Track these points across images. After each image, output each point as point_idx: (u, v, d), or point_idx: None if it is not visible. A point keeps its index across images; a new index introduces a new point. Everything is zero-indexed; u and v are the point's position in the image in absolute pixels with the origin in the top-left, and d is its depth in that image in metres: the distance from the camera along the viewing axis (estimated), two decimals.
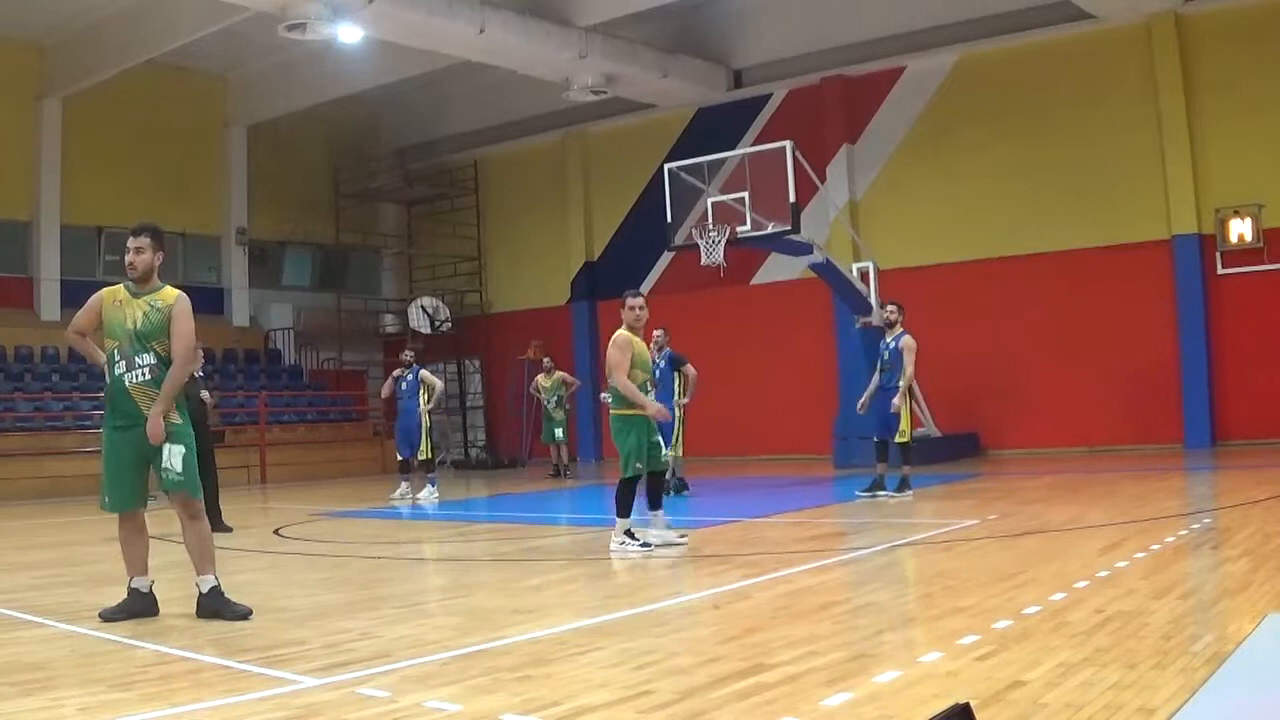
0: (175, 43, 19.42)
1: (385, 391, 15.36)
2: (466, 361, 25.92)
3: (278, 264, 25.75)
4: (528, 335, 24.29)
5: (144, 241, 5.97)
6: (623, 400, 8.12)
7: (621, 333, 8.24)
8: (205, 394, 11.36)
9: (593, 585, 7.09)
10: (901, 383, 11.49)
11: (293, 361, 25.09)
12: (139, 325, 5.89)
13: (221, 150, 24.01)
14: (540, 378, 18.39)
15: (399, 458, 15.28)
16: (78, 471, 18.44)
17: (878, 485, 11.53)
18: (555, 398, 18.07)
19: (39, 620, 5.98)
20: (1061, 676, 3.88)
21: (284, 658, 4.79)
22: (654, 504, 8.32)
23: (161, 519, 12.37)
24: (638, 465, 8.06)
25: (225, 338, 23.96)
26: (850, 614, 5.41)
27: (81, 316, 6.08)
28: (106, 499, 6.05)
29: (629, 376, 8.06)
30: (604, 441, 22.57)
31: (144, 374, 5.88)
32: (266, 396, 21.89)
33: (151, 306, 5.93)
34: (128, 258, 6.00)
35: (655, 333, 13.54)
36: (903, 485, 11.45)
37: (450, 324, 25.04)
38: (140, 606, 5.94)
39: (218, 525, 10.79)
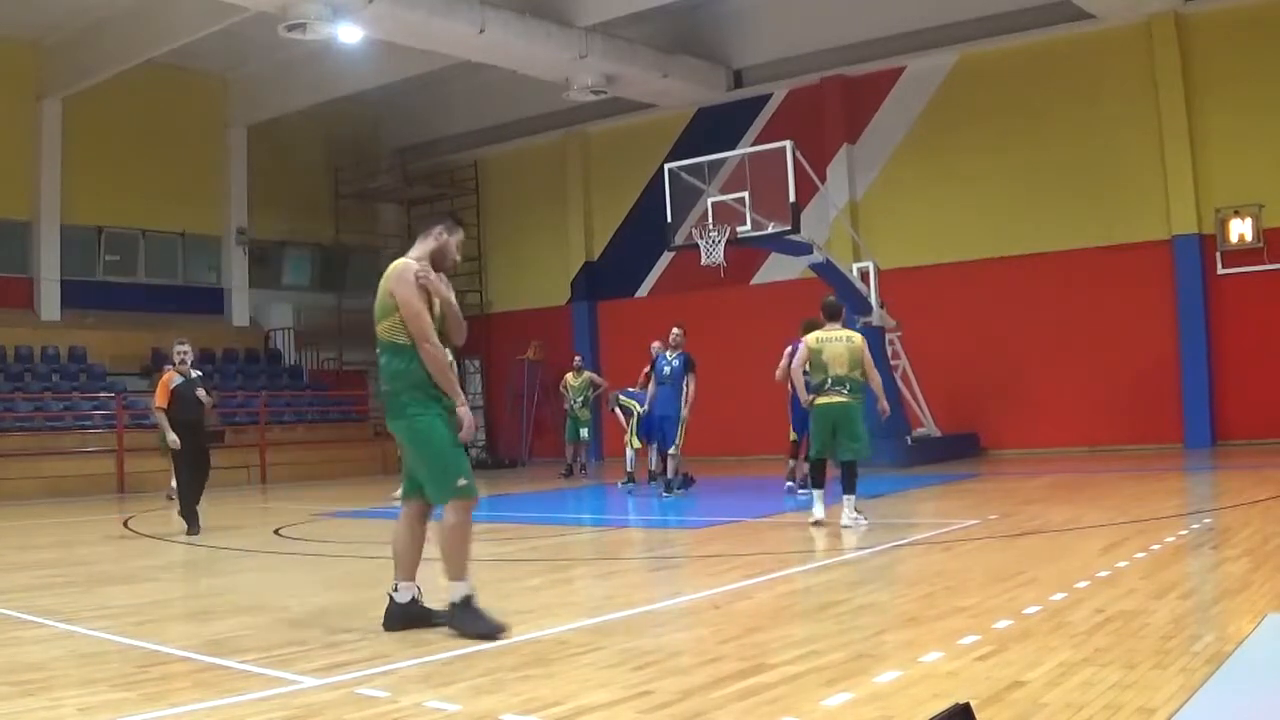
0: (175, 43, 19.41)
1: None
2: (466, 361, 25.90)
3: (278, 264, 25.74)
4: (528, 335, 24.31)
5: None
6: (864, 392, 9.28)
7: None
8: (202, 393, 11.33)
9: (593, 585, 7.09)
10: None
11: (293, 361, 25.08)
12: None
13: (221, 150, 24.01)
14: (569, 376, 18.18)
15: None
16: (78, 471, 18.46)
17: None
18: (582, 397, 17.93)
19: (39, 620, 5.97)
20: (1061, 676, 3.88)
21: (284, 658, 4.79)
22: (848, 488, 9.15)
23: (161, 518, 12.39)
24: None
25: (225, 338, 23.97)
26: (850, 614, 5.41)
27: (424, 294, 5.34)
28: (462, 481, 5.26)
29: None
30: (607, 442, 22.58)
31: None
32: (266, 396, 21.89)
33: None
34: (458, 257, 5.62)
35: (674, 331, 13.53)
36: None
37: None
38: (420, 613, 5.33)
39: (192, 526, 10.82)
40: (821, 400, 9.23)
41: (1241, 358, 17.36)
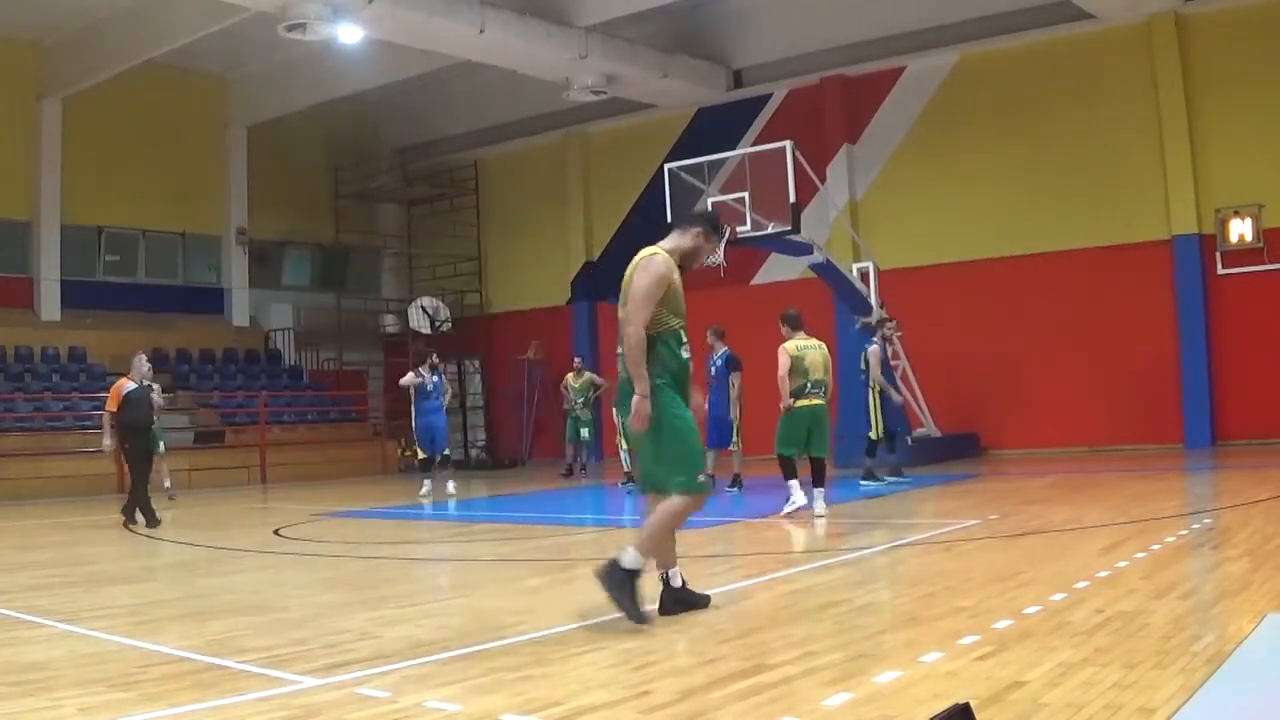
0: (175, 43, 19.41)
1: (405, 380, 15.83)
2: (466, 361, 25.91)
3: (278, 264, 25.75)
4: (528, 335, 24.30)
5: None
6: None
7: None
8: (155, 396, 12.78)
9: (593, 585, 7.08)
10: None
11: (293, 361, 25.09)
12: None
13: (221, 150, 24.01)
14: (570, 377, 18.20)
15: (421, 455, 15.72)
16: (78, 471, 18.46)
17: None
18: (583, 398, 17.96)
19: (39, 620, 5.98)
20: (1061, 676, 3.88)
21: (284, 658, 4.79)
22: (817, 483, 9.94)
23: (160, 518, 12.38)
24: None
25: (225, 338, 23.98)
26: (850, 614, 5.41)
27: (662, 288, 5.36)
28: (702, 476, 5.38)
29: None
30: (606, 442, 22.59)
31: None
32: (266, 396, 21.88)
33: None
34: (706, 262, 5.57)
35: (708, 332, 13.80)
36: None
37: (450, 324, 25.04)
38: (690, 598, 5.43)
39: (130, 518, 11.68)
40: (802, 402, 9.88)
41: (1241, 358, 17.36)
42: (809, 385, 9.85)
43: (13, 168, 20.93)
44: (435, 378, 15.69)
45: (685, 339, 5.44)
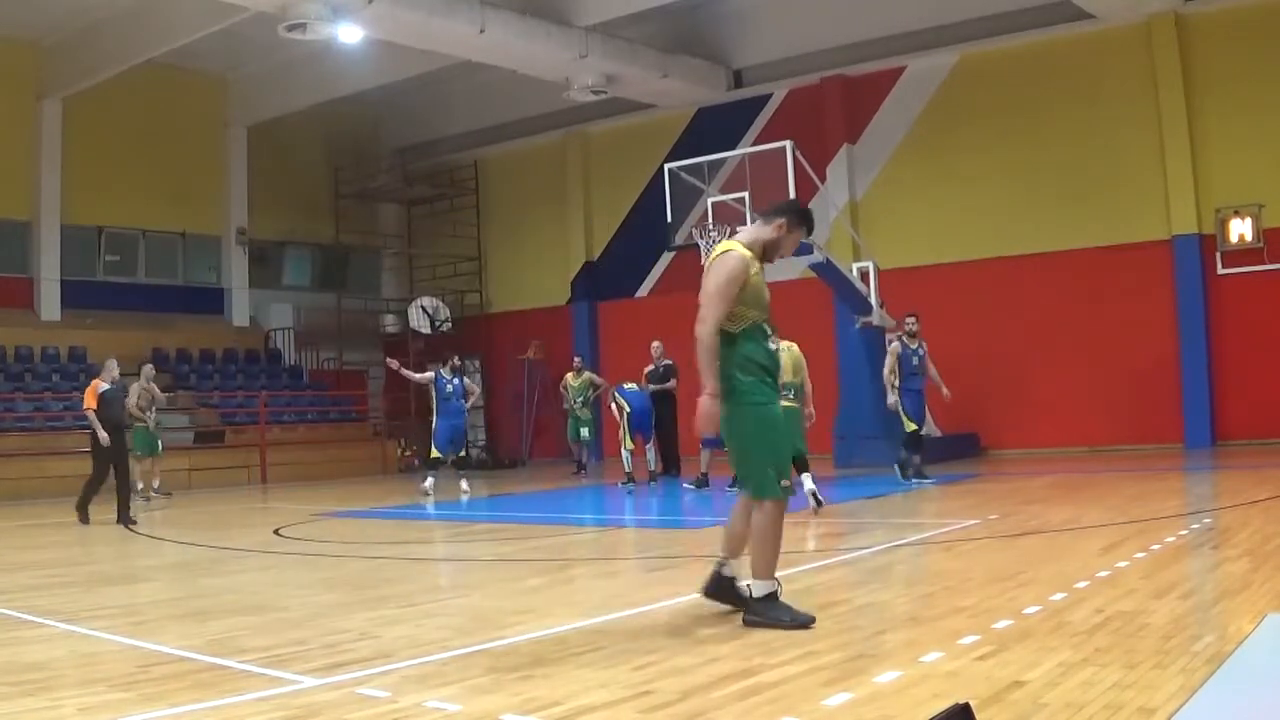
0: (175, 43, 19.41)
1: (419, 376, 16.08)
2: (466, 361, 25.89)
3: (278, 264, 25.74)
4: (528, 335, 24.31)
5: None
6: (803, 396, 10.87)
7: None
8: (132, 398, 13.31)
9: (593, 585, 7.09)
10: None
11: (293, 361, 25.09)
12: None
13: (221, 150, 24.00)
14: (569, 376, 18.27)
15: (435, 454, 15.68)
16: (78, 471, 18.38)
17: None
18: (582, 398, 18.00)
19: (39, 620, 5.98)
20: (1061, 676, 3.88)
21: (284, 658, 4.79)
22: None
23: (161, 517, 12.39)
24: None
25: (225, 338, 23.97)
26: (850, 614, 5.41)
27: (735, 286, 5.15)
28: (786, 482, 5.14)
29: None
30: (607, 442, 22.59)
31: None
32: (266, 396, 21.88)
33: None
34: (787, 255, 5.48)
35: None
36: None
37: (450, 324, 25.05)
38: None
39: (128, 520, 12.00)
40: None
41: (1241, 358, 17.36)
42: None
43: (13, 168, 20.92)
44: (456, 380, 15.65)
45: (770, 331, 5.30)
